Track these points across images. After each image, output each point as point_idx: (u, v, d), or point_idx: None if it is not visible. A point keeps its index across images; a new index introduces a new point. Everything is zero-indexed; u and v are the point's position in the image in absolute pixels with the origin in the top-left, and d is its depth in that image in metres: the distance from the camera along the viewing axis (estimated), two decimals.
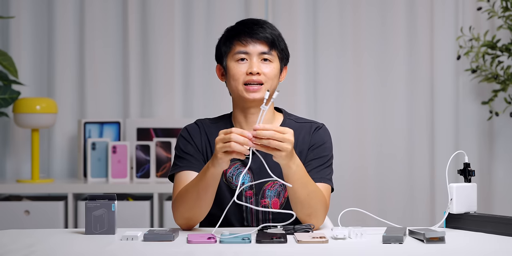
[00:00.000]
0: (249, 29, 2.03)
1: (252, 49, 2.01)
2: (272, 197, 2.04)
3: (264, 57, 2.02)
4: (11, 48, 3.67)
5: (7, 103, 3.41)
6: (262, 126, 1.78)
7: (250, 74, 2.00)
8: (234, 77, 2.02)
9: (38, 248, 1.69)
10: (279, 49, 2.05)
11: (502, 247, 1.70)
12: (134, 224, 3.27)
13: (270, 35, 2.03)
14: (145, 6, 3.70)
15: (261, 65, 2.01)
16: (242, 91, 2.01)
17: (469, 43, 3.61)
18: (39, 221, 3.30)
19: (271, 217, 2.05)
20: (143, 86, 3.71)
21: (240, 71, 2.01)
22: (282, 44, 2.07)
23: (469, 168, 1.93)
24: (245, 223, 2.04)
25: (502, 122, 3.67)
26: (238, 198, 2.01)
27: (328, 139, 2.08)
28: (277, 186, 2.04)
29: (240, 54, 2.02)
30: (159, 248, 1.69)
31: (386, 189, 3.70)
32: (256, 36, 2.02)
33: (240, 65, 2.02)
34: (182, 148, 2.06)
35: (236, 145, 1.77)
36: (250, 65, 2.01)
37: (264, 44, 2.02)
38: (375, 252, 1.66)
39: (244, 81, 2.00)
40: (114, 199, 1.86)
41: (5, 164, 3.71)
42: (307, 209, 1.91)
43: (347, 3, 3.72)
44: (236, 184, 2.03)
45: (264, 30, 2.04)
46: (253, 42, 2.02)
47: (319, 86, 3.72)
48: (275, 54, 2.04)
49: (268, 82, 2.01)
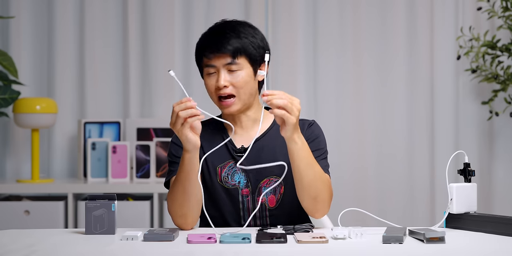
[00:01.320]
0: (212, 43, 2.02)
1: (217, 62, 2.01)
2: (269, 194, 2.04)
3: (231, 68, 2.01)
4: (11, 48, 3.67)
5: (7, 103, 3.41)
6: (270, 92, 1.82)
7: (219, 89, 2.01)
8: (208, 91, 2.06)
9: (38, 248, 1.69)
10: (246, 54, 2.02)
11: (502, 247, 1.71)
12: (134, 224, 3.27)
13: (232, 45, 2.00)
14: (145, 6, 3.70)
15: (228, 76, 2.01)
16: (220, 105, 2.04)
17: (469, 43, 3.61)
18: (39, 221, 3.29)
19: (267, 214, 2.05)
20: (143, 86, 3.71)
21: (211, 85, 2.04)
22: (250, 47, 2.02)
23: (469, 168, 1.93)
24: (242, 222, 2.04)
25: (502, 122, 3.67)
26: (234, 198, 2.03)
27: (321, 134, 2.09)
28: (273, 183, 2.04)
29: (208, 68, 2.03)
30: (159, 248, 1.69)
31: (386, 189, 3.70)
32: (217, 51, 2.00)
33: (211, 78, 2.04)
34: (174, 153, 2.07)
35: (182, 113, 1.82)
36: (217, 78, 2.02)
37: (227, 56, 2.00)
38: (375, 252, 1.66)
39: (217, 95, 2.03)
40: (114, 199, 1.86)
41: (5, 164, 3.71)
42: (313, 191, 1.91)
43: (347, 3, 3.72)
44: (232, 183, 2.03)
45: (227, 41, 2.00)
46: (216, 56, 2.01)
47: (319, 86, 3.72)
48: (243, 60, 2.01)
49: (240, 92, 2.01)
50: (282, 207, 2.04)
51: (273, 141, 2.06)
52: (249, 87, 2.02)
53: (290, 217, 2.05)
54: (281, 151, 2.03)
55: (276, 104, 1.81)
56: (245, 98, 2.02)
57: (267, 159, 2.01)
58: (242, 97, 2.01)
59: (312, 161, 1.91)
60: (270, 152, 2.04)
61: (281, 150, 2.02)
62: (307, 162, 1.89)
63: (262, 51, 2.04)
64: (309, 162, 1.90)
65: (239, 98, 2.01)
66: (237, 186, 2.04)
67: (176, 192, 1.92)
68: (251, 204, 2.04)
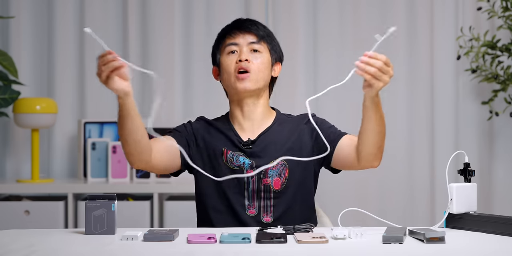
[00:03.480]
0: (239, 23, 2.13)
1: (241, 40, 2.10)
2: (274, 176, 2.09)
3: (254, 48, 2.11)
4: (11, 48, 3.67)
5: (7, 103, 3.41)
6: (374, 54, 1.90)
7: (240, 62, 2.07)
8: (226, 69, 2.10)
9: (38, 248, 1.69)
10: (268, 42, 2.12)
11: (502, 247, 1.71)
12: (134, 224, 3.27)
13: (260, 29, 2.12)
14: (145, 7, 3.70)
15: (250, 55, 2.09)
16: (235, 82, 2.08)
17: (469, 43, 3.61)
18: (39, 221, 3.29)
19: (272, 196, 2.07)
20: (143, 86, 3.70)
21: (231, 62, 2.09)
22: (272, 39, 2.14)
23: (469, 168, 1.93)
24: (247, 202, 2.07)
25: (502, 122, 3.67)
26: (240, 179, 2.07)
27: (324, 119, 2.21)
28: (279, 165, 2.09)
29: (230, 46, 2.11)
30: (159, 248, 1.69)
31: (386, 189, 3.70)
32: (245, 28, 2.11)
33: (231, 56, 2.10)
34: (176, 127, 2.18)
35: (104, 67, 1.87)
36: (239, 54, 2.09)
37: (253, 35, 2.11)
38: (375, 252, 1.66)
39: (235, 69, 2.08)
40: (114, 199, 1.86)
41: (5, 164, 3.71)
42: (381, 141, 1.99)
43: (347, 3, 3.72)
44: (237, 163, 2.09)
45: (254, 24, 2.12)
46: (242, 34, 2.11)
47: (319, 86, 3.72)
48: (265, 46, 2.12)
49: (256, 71, 2.09)
50: (286, 191, 2.09)
51: (278, 135, 2.13)
52: (265, 73, 2.11)
53: (293, 202, 2.09)
54: (285, 143, 2.11)
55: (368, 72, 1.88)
56: (259, 80, 2.10)
57: (273, 151, 2.09)
58: (256, 78, 2.09)
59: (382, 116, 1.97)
60: (276, 145, 2.11)
61: (286, 141, 2.11)
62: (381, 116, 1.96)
63: (279, 49, 2.16)
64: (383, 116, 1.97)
65: (254, 77, 2.08)
66: (242, 167, 2.08)
67: (121, 135, 1.99)
68: (256, 185, 2.08)
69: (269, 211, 2.07)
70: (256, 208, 2.07)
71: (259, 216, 2.07)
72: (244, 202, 2.07)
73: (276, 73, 2.17)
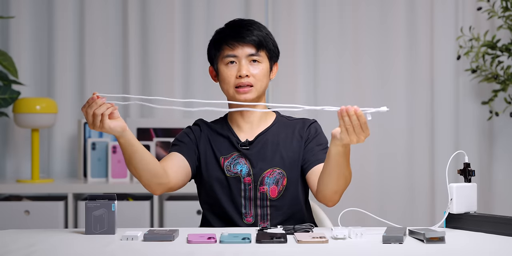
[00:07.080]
0: (235, 33, 2.10)
1: (240, 52, 2.09)
2: (271, 184, 2.09)
3: (253, 59, 2.10)
4: (11, 48, 3.67)
5: (7, 103, 3.40)
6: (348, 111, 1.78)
7: (240, 77, 2.07)
8: (225, 81, 2.10)
9: (38, 248, 1.69)
10: (267, 49, 2.12)
11: (502, 247, 1.71)
12: (134, 224, 3.27)
13: (257, 37, 2.09)
14: (145, 6, 3.70)
15: (249, 67, 2.08)
16: (234, 94, 2.09)
17: (469, 43, 3.61)
18: (39, 221, 3.29)
19: (268, 204, 2.07)
20: (143, 86, 3.70)
21: (230, 74, 2.08)
22: (270, 43, 2.13)
23: (469, 168, 1.93)
24: (243, 210, 2.07)
25: (502, 122, 3.67)
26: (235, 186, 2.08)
27: (322, 131, 2.18)
28: (276, 173, 2.08)
29: (229, 57, 2.10)
30: (159, 248, 1.69)
31: (386, 189, 3.70)
32: (243, 40, 2.09)
33: (230, 68, 2.09)
34: (179, 138, 2.16)
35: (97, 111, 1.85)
36: (239, 68, 2.08)
37: (252, 46, 2.09)
38: (375, 252, 1.66)
39: (234, 84, 2.08)
40: (114, 199, 1.86)
41: (5, 164, 3.71)
42: (342, 185, 1.94)
43: (347, 3, 3.72)
44: (234, 171, 2.09)
45: (251, 32, 2.09)
46: (240, 46, 2.09)
47: (319, 86, 3.72)
48: (264, 54, 2.11)
49: (258, 83, 2.09)
50: (283, 199, 2.09)
51: (276, 136, 2.13)
52: (265, 81, 2.12)
53: (290, 209, 2.09)
54: (283, 145, 2.11)
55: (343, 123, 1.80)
56: (260, 90, 2.10)
57: (270, 152, 2.09)
58: (258, 89, 2.09)
59: (347, 164, 1.91)
60: (273, 145, 2.11)
61: (284, 144, 2.11)
62: (347, 162, 1.91)
63: (277, 50, 2.16)
64: (348, 162, 1.92)
65: (256, 89, 2.09)
66: (239, 174, 2.08)
67: (133, 171, 1.98)
68: (252, 193, 2.07)
69: (266, 220, 2.08)
70: (253, 216, 2.07)
71: (256, 225, 2.07)
72: (241, 210, 2.07)
73: (274, 75, 2.18)
